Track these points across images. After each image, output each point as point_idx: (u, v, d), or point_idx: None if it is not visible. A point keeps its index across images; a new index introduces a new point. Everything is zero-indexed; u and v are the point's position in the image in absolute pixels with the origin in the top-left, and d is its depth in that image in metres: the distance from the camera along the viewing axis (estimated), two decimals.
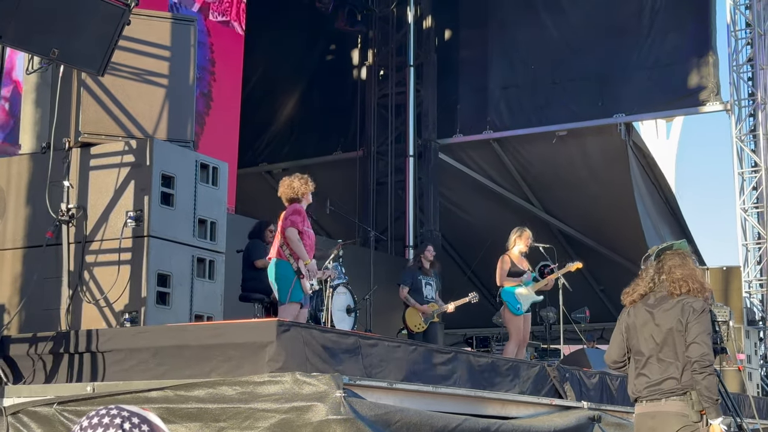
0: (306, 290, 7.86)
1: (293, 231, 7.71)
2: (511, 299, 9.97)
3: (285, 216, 7.84)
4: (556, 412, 7.22)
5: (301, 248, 7.71)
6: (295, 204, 7.93)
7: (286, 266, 7.73)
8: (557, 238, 16.60)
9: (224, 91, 13.83)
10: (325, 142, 17.38)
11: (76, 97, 7.37)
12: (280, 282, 7.75)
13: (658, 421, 5.05)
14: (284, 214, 7.90)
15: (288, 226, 7.73)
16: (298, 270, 7.70)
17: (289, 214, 7.82)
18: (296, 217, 7.77)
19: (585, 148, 15.88)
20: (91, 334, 6.30)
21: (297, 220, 7.76)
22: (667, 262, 5.26)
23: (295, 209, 7.84)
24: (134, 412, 2.53)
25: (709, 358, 4.97)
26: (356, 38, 17.52)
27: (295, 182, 8.02)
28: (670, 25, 14.95)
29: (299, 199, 7.98)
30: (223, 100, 13.79)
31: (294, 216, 7.78)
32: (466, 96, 16.52)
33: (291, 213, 7.82)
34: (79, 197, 7.20)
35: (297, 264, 7.72)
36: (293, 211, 7.82)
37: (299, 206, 7.91)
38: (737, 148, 14.76)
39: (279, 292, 7.78)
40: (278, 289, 7.78)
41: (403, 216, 16.49)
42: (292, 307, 7.79)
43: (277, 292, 7.83)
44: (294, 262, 7.72)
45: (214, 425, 5.28)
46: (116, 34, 6.24)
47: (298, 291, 7.76)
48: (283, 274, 7.74)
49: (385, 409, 5.36)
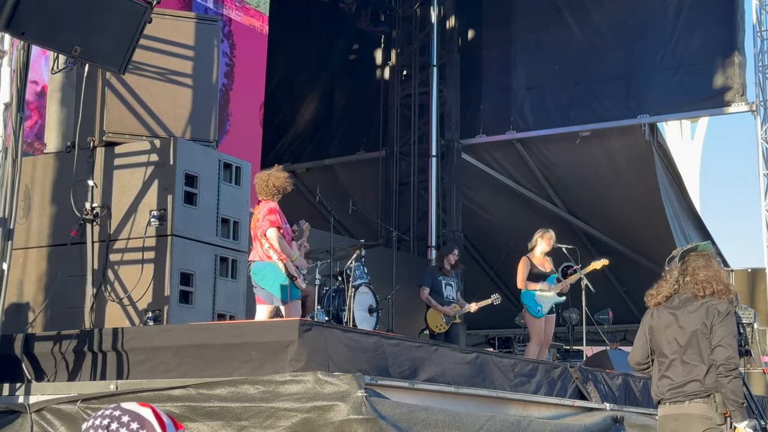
0: (302, 287, 7.80)
1: (273, 231, 7.50)
2: (531, 302, 9.95)
3: (262, 217, 7.60)
4: (579, 413, 7.19)
5: (285, 246, 7.54)
6: (267, 203, 7.68)
7: (274, 268, 7.53)
8: (581, 239, 16.52)
9: (247, 92, 13.87)
10: (348, 142, 17.38)
11: (100, 96, 7.42)
12: (273, 284, 7.57)
13: (681, 423, 5.01)
14: (258, 216, 7.64)
15: (267, 228, 7.51)
16: (289, 274, 7.57)
17: (264, 215, 7.58)
18: (273, 216, 7.55)
19: (609, 149, 15.79)
20: (115, 333, 6.34)
21: (275, 218, 7.55)
22: (691, 264, 5.22)
23: (269, 209, 7.60)
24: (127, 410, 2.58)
25: (735, 361, 4.93)
26: (379, 38, 17.51)
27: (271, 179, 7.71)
28: (695, 24, 14.84)
29: (274, 196, 7.70)
30: (246, 100, 13.83)
31: (270, 216, 7.54)
32: (489, 96, 16.47)
33: (266, 213, 7.57)
34: (103, 196, 7.24)
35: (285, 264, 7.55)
36: (267, 211, 7.58)
37: (273, 205, 7.66)
38: (763, 149, 14.63)
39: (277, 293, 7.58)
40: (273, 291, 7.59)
41: (425, 216, 16.45)
42: (297, 305, 7.75)
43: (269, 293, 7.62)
44: (280, 262, 7.55)
45: (236, 424, 5.29)
46: (138, 32, 6.27)
47: (295, 289, 7.69)
48: (270, 277, 7.58)
49: (408, 408, 5.35)
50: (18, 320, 7.24)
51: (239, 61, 13.46)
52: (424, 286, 10.70)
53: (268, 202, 7.70)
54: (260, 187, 7.73)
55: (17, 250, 6.95)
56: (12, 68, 6.36)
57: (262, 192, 7.72)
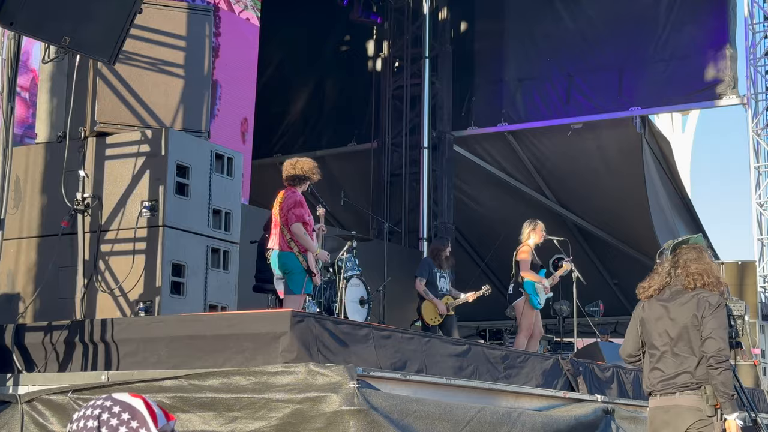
0: (318, 284, 7.95)
1: (299, 227, 7.60)
2: (534, 292, 9.96)
3: (287, 208, 7.68)
4: (570, 405, 7.21)
5: (309, 242, 7.65)
6: (294, 193, 7.75)
7: (294, 259, 7.65)
8: (572, 232, 16.56)
9: (239, 82, 13.83)
10: (340, 133, 17.37)
11: (92, 86, 7.39)
12: (291, 274, 7.71)
13: (672, 414, 5.03)
14: (284, 205, 7.72)
15: (294, 222, 7.60)
16: (308, 269, 7.65)
17: (290, 207, 7.65)
18: (300, 210, 7.63)
19: (600, 141, 15.82)
20: (106, 324, 6.33)
21: (301, 213, 7.64)
22: (682, 256, 5.23)
23: (296, 201, 7.67)
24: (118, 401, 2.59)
25: (725, 353, 4.95)
26: (371, 30, 17.49)
27: (300, 162, 7.86)
28: (687, 17, 14.86)
29: (301, 182, 7.80)
30: (238, 90, 13.79)
31: (297, 209, 7.63)
32: (481, 88, 16.48)
33: (293, 205, 7.65)
34: (94, 187, 7.22)
35: (305, 257, 7.64)
36: (294, 203, 7.66)
37: (299, 196, 7.73)
38: (753, 141, 14.68)
39: (291, 283, 7.75)
40: (289, 280, 7.74)
41: (417, 208, 16.46)
42: (302, 298, 7.82)
43: (286, 282, 7.77)
44: (300, 254, 7.64)
45: (227, 415, 5.29)
46: (128, 22, 6.24)
47: (310, 284, 7.79)
48: (292, 267, 7.70)
49: (400, 400, 5.36)
50: (9, 311, 7.23)
51: (231, 51, 13.41)
52: (420, 277, 10.67)
53: (294, 191, 7.78)
54: (288, 173, 7.84)
55: (8, 240, 6.92)
56: (3, 58, 6.33)
57: (289, 178, 7.84)
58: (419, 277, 10.67)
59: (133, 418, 2.56)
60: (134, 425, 2.55)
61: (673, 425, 5.01)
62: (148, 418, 2.57)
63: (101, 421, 2.54)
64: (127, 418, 2.55)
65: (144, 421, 2.56)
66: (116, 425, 2.54)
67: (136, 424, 2.55)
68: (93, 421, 2.54)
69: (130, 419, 2.55)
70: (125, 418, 2.56)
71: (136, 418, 2.56)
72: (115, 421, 2.54)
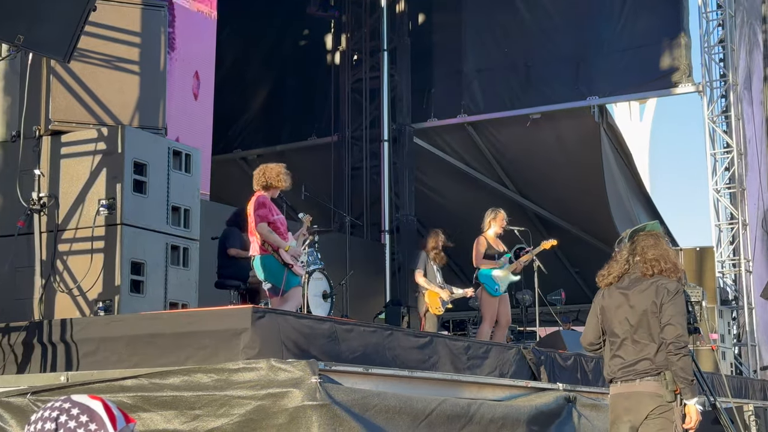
0: (300, 274, 8.05)
1: (263, 226, 7.68)
2: (489, 281, 9.99)
3: (252, 212, 7.78)
4: (532, 394, 7.25)
5: (276, 239, 7.71)
6: (259, 195, 7.84)
7: (271, 260, 7.73)
8: (532, 221, 16.65)
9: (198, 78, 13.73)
10: (300, 127, 17.32)
11: (45, 84, 7.30)
12: (273, 276, 7.76)
13: (633, 401, 5.07)
14: (250, 209, 7.82)
15: (258, 223, 7.69)
16: (285, 263, 7.72)
17: (255, 209, 7.75)
18: (263, 211, 7.72)
19: (559, 131, 15.92)
20: (65, 324, 6.26)
21: (264, 213, 7.72)
22: (639, 243, 5.28)
23: (259, 203, 7.75)
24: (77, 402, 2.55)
25: (684, 339, 5.00)
26: (329, 23, 17.45)
27: (268, 171, 7.94)
28: (642, 6, 14.99)
29: (268, 188, 7.89)
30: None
31: (261, 210, 7.72)
32: (440, 80, 16.50)
33: (257, 207, 7.74)
34: (50, 186, 7.14)
35: (280, 255, 7.72)
36: (258, 205, 7.74)
37: (263, 198, 7.81)
38: (709, 129, 14.84)
39: (277, 283, 7.76)
40: (273, 280, 7.77)
41: (378, 201, 16.46)
42: (296, 292, 7.97)
43: (272, 286, 7.81)
44: (275, 253, 7.72)
45: (189, 413, 5.26)
46: (82, 19, 6.18)
47: (293, 277, 7.83)
48: (272, 269, 7.75)
49: (362, 394, 5.36)
50: None
51: (186, 46, 13.30)
52: (417, 269, 10.54)
53: (259, 193, 7.86)
54: (256, 178, 7.93)
55: None
56: None
57: (256, 182, 7.92)
58: (417, 269, 10.52)
59: (92, 421, 2.53)
60: (92, 428, 2.52)
61: (634, 411, 5.06)
62: (107, 421, 2.54)
63: (59, 423, 2.51)
64: (86, 421, 2.52)
65: (102, 424, 2.53)
66: (74, 427, 2.50)
67: (94, 427, 2.52)
68: (51, 423, 2.51)
69: (89, 421, 2.52)
70: (83, 420, 2.53)
71: (95, 421, 2.53)
72: (73, 423, 2.51)
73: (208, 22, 13.92)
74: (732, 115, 14.66)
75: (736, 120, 14.67)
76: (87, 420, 2.52)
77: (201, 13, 13.78)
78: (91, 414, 2.54)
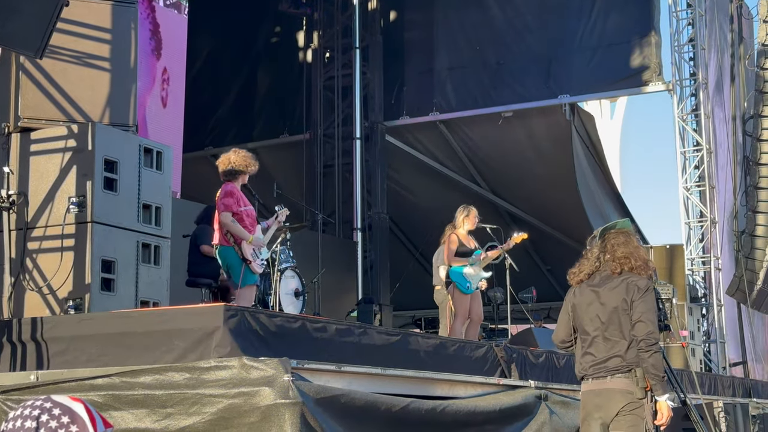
0: (257, 272, 7.81)
1: (226, 215, 7.51)
2: (460, 279, 10.00)
3: (218, 200, 7.64)
4: (503, 392, 7.27)
5: (238, 230, 7.54)
6: (226, 184, 7.67)
7: (231, 252, 7.59)
8: (504, 219, 16.72)
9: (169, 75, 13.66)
10: (272, 125, 17.28)
11: (15, 81, 7.23)
12: (232, 268, 7.67)
13: (604, 398, 5.11)
14: (217, 199, 7.68)
15: (222, 212, 7.53)
16: (244, 258, 7.58)
17: (221, 198, 7.60)
18: (228, 200, 7.55)
19: (531, 129, 15.99)
20: (35, 323, 6.21)
21: (229, 203, 7.55)
22: (610, 241, 5.31)
23: (226, 192, 7.59)
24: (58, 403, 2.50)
25: (655, 336, 5.04)
26: (301, 20, 17.42)
27: (233, 156, 7.76)
28: (613, 5, 15.08)
29: (235, 175, 7.72)
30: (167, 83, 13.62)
31: (226, 199, 7.56)
32: (412, 78, 16.53)
33: (223, 196, 7.58)
34: (19, 183, 7.08)
35: (241, 248, 7.58)
36: (225, 194, 7.59)
37: (230, 187, 7.64)
38: (679, 127, 14.96)
39: (235, 277, 7.69)
40: (232, 274, 7.70)
41: (350, 199, 16.46)
42: (249, 291, 7.73)
43: (232, 277, 7.75)
44: (236, 245, 7.58)
45: (161, 411, 5.23)
46: (54, 15, 6.12)
47: (250, 274, 7.69)
48: (230, 261, 7.65)
49: (331, 392, 5.35)
50: None
51: (160, 43, 13.23)
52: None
53: (227, 183, 7.68)
54: (221, 168, 7.71)
55: None
56: None
57: (224, 173, 7.71)
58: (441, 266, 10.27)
59: (73, 422, 2.49)
60: (74, 429, 2.47)
61: (605, 408, 5.09)
62: (89, 424, 2.50)
63: (40, 422, 2.46)
64: (67, 422, 2.48)
65: (84, 426, 2.48)
66: (55, 428, 2.46)
67: (75, 429, 2.47)
68: (31, 422, 2.47)
69: (70, 423, 2.48)
70: (65, 421, 2.49)
71: (77, 423, 2.49)
72: (55, 423, 2.47)
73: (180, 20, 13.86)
74: (702, 113, 14.79)
75: (705, 118, 14.79)
76: (68, 421, 2.48)
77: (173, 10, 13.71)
78: (73, 416, 2.50)
